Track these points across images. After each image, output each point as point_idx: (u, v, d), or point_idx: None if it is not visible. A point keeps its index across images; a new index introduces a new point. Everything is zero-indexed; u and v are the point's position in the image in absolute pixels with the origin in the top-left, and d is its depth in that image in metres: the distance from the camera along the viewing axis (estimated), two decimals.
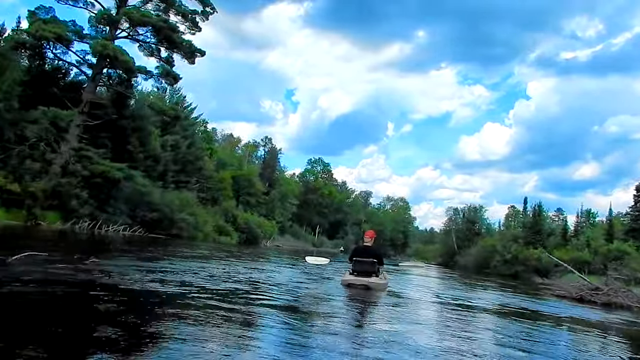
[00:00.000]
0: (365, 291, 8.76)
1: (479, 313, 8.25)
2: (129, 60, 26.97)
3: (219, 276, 9.12)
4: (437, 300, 9.75)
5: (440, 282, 18.41)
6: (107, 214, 26.20)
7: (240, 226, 46.88)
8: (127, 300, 5.22)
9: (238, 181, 58.33)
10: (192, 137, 47.14)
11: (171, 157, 40.25)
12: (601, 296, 12.65)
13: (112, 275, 7.03)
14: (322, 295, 7.97)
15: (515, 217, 67.19)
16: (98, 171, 25.72)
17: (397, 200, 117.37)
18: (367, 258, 9.38)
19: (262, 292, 7.53)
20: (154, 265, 9.60)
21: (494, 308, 9.61)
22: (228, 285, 7.96)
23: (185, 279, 7.81)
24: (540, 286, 22.60)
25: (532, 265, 37.94)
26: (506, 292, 15.54)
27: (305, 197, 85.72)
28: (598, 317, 9.77)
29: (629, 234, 39.56)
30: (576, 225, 50.04)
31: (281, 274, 12.05)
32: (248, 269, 12.25)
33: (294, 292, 8.04)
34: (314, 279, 11.37)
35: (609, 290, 12.98)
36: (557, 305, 11.80)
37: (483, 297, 12.65)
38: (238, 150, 78.83)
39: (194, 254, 16.39)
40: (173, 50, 30.82)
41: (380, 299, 8.22)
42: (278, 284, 8.92)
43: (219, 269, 10.93)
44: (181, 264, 10.93)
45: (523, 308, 10.13)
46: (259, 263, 15.76)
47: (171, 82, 30.50)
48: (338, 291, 8.68)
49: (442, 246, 66.25)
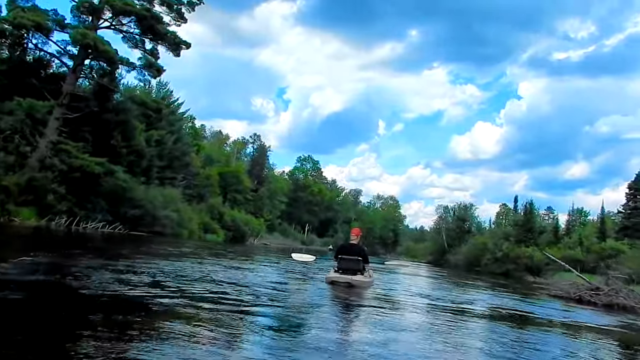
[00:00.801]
0: (349, 289, 8.63)
1: (470, 317, 7.51)
2: (110, 50, 25.96)
3: (187, 276, 8.29)
4: (426, 302, 8.91)
5: (429, 282, 17.63)
6: (86, 210, 25.19)
7: (227, 224, 45.90)
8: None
9: (225, 178, 57.36)
10: (178, 132, 46.09)
11: (156, 152, 39.16)
12: (602, 297, 11.94)
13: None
14: (304, 297, 7.23)
15: (506, 215, 66.85)
16: (76, 165, 24.70)
17: (387, 198, 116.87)
18: (352, 256, 9.33)
19: (233, 293, 6.70)
20: (114, 264, 8.71)
21: (486, 311, 8.83)
22: (195, 285, 7.17)
23: (144, 278, 7.02)
24: (533, 285, 21.98)
25: (524, 263, 37.37)
26: (499, 292, 14.79)
27: (295, 194, 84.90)
28: (603, 321, 9.06)
29: (621, 232, 39.25)
30: (568, 224, 49.71)
31: (261, 273, 11.30)
32: (225, 267, 11.42)
33: (272, 293, 7.23)
34: (297, 277, 10.87)
35: (610, 290, 12.24)
36: (555, 306, 11.11)
37: (475, 298, 11.83)
38: (227, 147, 77.87)
39: (171, 252, 15.57)
40: (157, 41, 29.85)
41: (365, 301, 7.49)
42: (253, 284, 8.11)
43: (191, 268, 10.08)
44: (150, 263, 10.05)
45: (518, 311, 9.33)
46: (239, 262, 14.90)
47: (154, 74, 29.49)
48: (320, 291, 8.12)
49: (433, 244, 65.67)
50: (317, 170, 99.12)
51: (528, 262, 37.09)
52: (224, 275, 9.19)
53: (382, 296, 8.73)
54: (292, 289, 8.29)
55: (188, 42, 30.17)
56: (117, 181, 27.16)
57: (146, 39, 29.80)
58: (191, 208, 41.01)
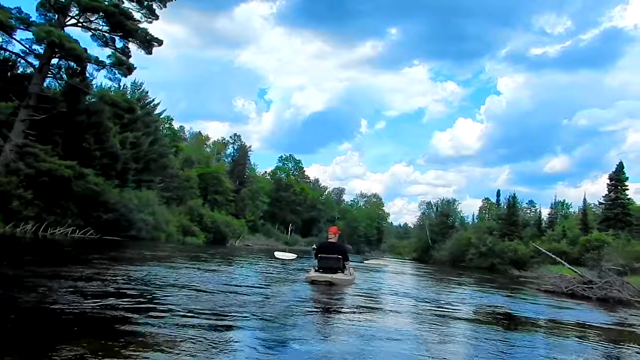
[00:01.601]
0: (330, 288, 8.56)
1: (456, 320, 6.73)
2: (77, 48, 24.85)
3: (154, 283, 7.50)
4: (409, 304, 8.13)
5: (413, 280, 16.86)
6: (56, 215, 24.09)
7: (207, 226, 44.87)
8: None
9: (205, 179, 56.28)
10: (155, 134, 44.85)
11: (131, 154, 38.04)
12: (596, 290, 11.35)
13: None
14: (282, 303, 6.49)
15: (489, 209, 66.79)
16: (44, 169, 23.59)
17: (371, 196, 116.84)
18: (332, 254, 9.30)
19: (204, 300, 5.91)
20: (70, 272, 7.85)
21: (474, 311, 8.06)
22: (162, 293, 6.38)
23: (104, 287, 6.21)
24: (520, 279, 21.48)
25: (508, 257, 37.07)
26: (486, 289, 14.11)
27: (277, 194, 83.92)
28: (600, 318, 8.48)
29: (604, 223, 39.21)
30: (550, 216, 49.65)
31: (237, 276, 10.57)
32: (200, 271, 10.59)
33: (248, 300, 6.48)
34: (276, 279, 10.47)
35: (604, 283, 11.63)
36: (547, 303, 10.50)
37: (461, 296, 11.01)
38: (207, 148, 76.64)
39: (143, 257, 14.70)
40: (128, 39, 28.79)
41: (345, 306, 6.78)
42: (227, 290, 7.31)
43: (162, 273, 9.24)
44: (116, 269, 9.21)
45: (509, 310, 8.61)
46: (216, 264, 14.08)
47: (125, 72, 28.39)
48: (299, 295, 7.45)
49: (417, 241, 65.32)
50: (299, 169, 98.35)
51: (513, 256, 36.82)
52: (198, 280, 8.42)
53: (363, 298, 8.07)
54: (269, 293, 7.56)
55: (160, 39, 29.18)
56: (89, 185, 26.07)
57: (116, 36, 28.74)
58: (169, 210, 39.97)
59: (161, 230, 33.88)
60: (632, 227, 38.99)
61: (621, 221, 38.54)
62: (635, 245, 29.94)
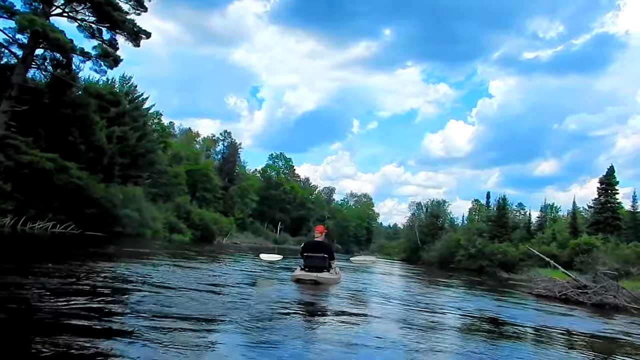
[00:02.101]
0: (315, 286, 8.55)
1: (443, 328, 6.21)
2: (61, 38, 24.20)
3: (130, 281, 7.03)
4: (394, 309, 7.63)
5: (401, 282, 16.38)
6: (37, 209, 23.44)
7: (195, 223, 44.25)
8: None
9: (194, 176, 55.67)
10: (143, 129, 44.15)
11: (117, 149, 37.40)
12: (591, 296, 10.97)
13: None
14: (264, 306, 6.06)
15: (478, 211, 66.70)
16: (25, 161, 22.96)
17: (361, 196, 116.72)
18: (318, 253, 9.27)
19: (178, 302, 5.45)
20: (37, 268, 7.36)
21: (462, 318, 7.52)
22: (137, 293, 5.90)
23: (74, 286, 5.72)
24: (510, 282, 21.13)
25: (498, 259, 36.80)
26: (475, 292, 13.71)
27: (267, 193, 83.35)
28: (595, 326, 8.07)
29: (593, 226, 39.15)
30: (540, 219, 49.60)
31: (219, 275, 10.11)
32: (181, 269, 10.13)
33: (228, 302, 6.05)
34: (259, 278, 10.29)
35: (599, 288, 11.25)
36: (540, 308, 10.11)
37: (449, 301, 10.45)
38: (197, 145, 75.94)
39: (122, 253, 14.17)
40: (115, 30, 28.21)
41: (329, 313, 6.31)
42: (207, 290, 6.86)
43: (141, 270, 8.74)
44: (89, 266, 8.70)
45: (499, 316, 8.10)
46: (199, 262, 13.60)
47: (111, 64, 27.77)
48: (282, 297, 7.01)
49: (406, 241, 64.82)
50: (289, 168, 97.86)
51: (502, 258, 36.59)
52: (173, 279, 7.97)
53: (348, 301, 7.69)
54: (249, 294, 7.14)
55: (148, 32, 28.65)
56: (72, 179, 25.41)
57: (103, 27, 28.15)
58: (156, 207, 39.37)
59: (147, 227, 33.25)
60: (621, 232, 39.02)
61: (610, 225, 38.54)
62: (624, 249, 29.84)
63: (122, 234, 28.65)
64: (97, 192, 28.02)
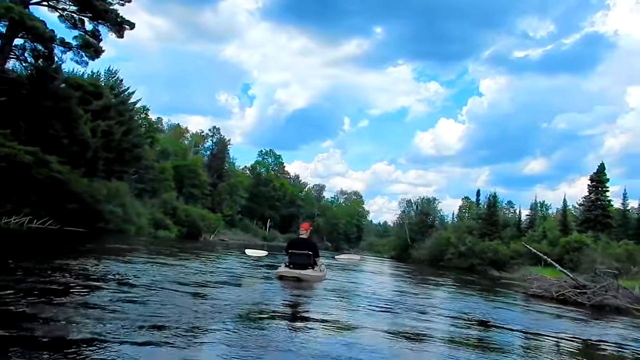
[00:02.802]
0: (298, 283, 8.55)
1: (433, 336, 5.54)
2: (40, 26, 23.36)
3: (101, 278, 6.36)
4: (380, 312, 6.95)
5: (389, 282, 15.71)
6: (13, 203, 22.60)
7: (181, 219, 43.43)
8: None
9: (181, 172, 54.80)
10: (129, 123, 43.24)
11: (102, 143, 36.53)
12: (590, 296, 10.40)
13: None
14: (242, 309, 5.52)
15: (469, 209, 66.43)
16: (1, 154, 22.11)
17: (351, 193, 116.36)
18: (303, 250, 9.34)
19: (144, 310, 4.83)
20: None
21: (452, 323, 6.82)
22: (109, 291, 5.26)
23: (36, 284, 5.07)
24: (502, 281, 20.63)
25: (488, 257, 36.43)
26: (467, 293, 13.08)
27: (256, 189, 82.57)
28: (602, 333, 7.52)
29: (583, 224, 38.93)
30: (531, 217, 49.35)
31: (198, 272, 9.60)
32: (156, 266, 9.50)
33: (205, 304, 5.41)
34: (242, 274, 10.20)
35: (599, 288, 10.69)
36: (536, 309, 9.55)
37: (439, 302, 9.74)
38: (185, 140, 75.02)
39: (97, 249, 13.49)
40: (97, 20, 27.39)
41: (311, 320, 5.68)
42: (182, 290, 6.23)
43: (114, 267, 8.12)
44: (58, 263, 8.04)
45: (492, 320, 7.40)
46: (177, 259, 12.95)
47: (92, 55, 26.97)
48: (262, 299, 6.54)
49: (396, 239, 64.53)
50: (279, 165, 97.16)
51: (492, 256, 36.22)
52: (148, 278, 7.36)
53: (331, 304, 7.13)
54: (229, 297, 6.52)
55: (132, 22, 27.90)
56: (52, 173, 24.58)
57: (85, 17, 27.32)
58: (141, 203, 38.54)
59: (131, 223, 32.41)
60: (611, 230, 38.83)
61: (601, 223, 38.33)
62: (615, 248, 29.57)
63: (105, 230, 27.83)
64: (79, 186, 27.17)
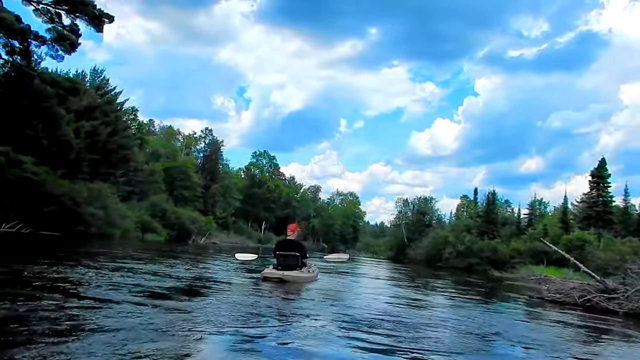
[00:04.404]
0: (282, 285, 8.42)
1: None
2: (8, 17, 22.12)
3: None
4: (371, 331, 5.58)
5: (384, 284, 14.44)
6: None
7: (171, 222, 42.10)
8: None
9: (172, 174, 53.50)
10: (115, 124, 41.91)
11: (86, 144, 35.26)
12: (622, 302, 8.82)
13: None
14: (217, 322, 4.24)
15: (467, 207, 65.24)
16: None
17: (347, 194, 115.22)
18: (290, 252, 9.36)
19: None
20: None
21: (460, 351, 5.15)
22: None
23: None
24: (506, 282, 19.27)
25: (487, 257, 35.10)
26: (471, 299, 11.51)
27: (251, 191, 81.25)
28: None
29: (584, 221, 37.77)
30: (529, 215, 48.19)
31: (172, 276, 8.39)
32: (113, 272, 8.22)
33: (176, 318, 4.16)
34: (220, 279, 9.38)
35: (635, 292, 9.10)
36: (564, 318, 8.16)
37: (440, 314, 7.69)
38: (177, 142, 73.69)
39: (62, 256, 12.20)
40: (74, 14, 26.12)
41: (295, 331, 4.45)
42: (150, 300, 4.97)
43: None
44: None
45: (510, 342, 5.43)
46: (158, 264, 11.67)
47: (67, 48, 25.68)
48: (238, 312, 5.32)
49: (392, 239, 63.18)
50: (274, 166, 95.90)
51: (492, 256, 34.92)
52: (93, 286, 6.20)
53: (321, 310, 6.15)
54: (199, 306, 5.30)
55: (111, 15, 26.66)
56: (25, 173, 23.31)
57: (62, 11, 26.05)
58: (128, 205, 37.26)
59: (115, 226, 31.12)
60: (612, 227, 37.72)
61: (602, 220, 37.16)
62: (619, 245, 28.41)
63: (86, 234, 26.54)
64: (56, 188, 25.92)
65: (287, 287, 8.34)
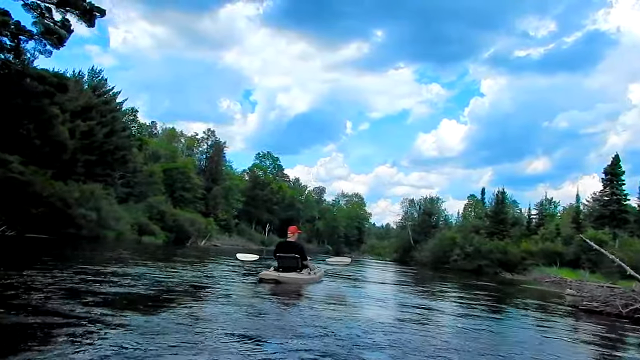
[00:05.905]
0: (277, 286, 8.45)
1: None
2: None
3: None
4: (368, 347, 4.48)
5: (387, 290, 13.14)
6: None
7: (170, 224, 40.94)
8: None
9: (172, 175, 52.43)
10: (112, 124, 40.88)
11: (81, 145, 34.25)
12: None
13: None
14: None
15: (475, 207, 63.85)
16: None
17: (352, 196, 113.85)
18: (289, 253, 9.39)
19: None
20: None
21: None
22: None
23: None
24: (522, 286, 17.86)
25: (497, 258, 33.51)
26: (485, 304, 10.11)
27: (253, 192, 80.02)
28: None
29: (598, 220, 36.34)
30: (540, 215, 46.78)
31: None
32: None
33: None
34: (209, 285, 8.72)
35: None
36: (614, 334, 6.83)
37: (458, 339, 6.13)
38: (179, 144, 72.69)
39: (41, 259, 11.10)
40: (64, 8, 25.07)
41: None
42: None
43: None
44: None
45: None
46: (148, 267, 10.49)
47: (55, 42, 24.62)
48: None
49: (398, 241, 61.83)
50: (277, 167, 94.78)
51: (502, 257, 33.38)
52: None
53: (319, 318, 5.56)
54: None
55: (102, 9, 25.59)
56: (11, 173, 22.21)
57: (51, 5, 25.00)
58: (125, 207, 36.19)
59: (109, 228, 29.99)
60: (627, 226, 36.30)
61: (617, 219, 35.69)
62: (637, 244, 27.02)
63: (77, 236, 25.41)
64: (46, 189, 24.84)
65: (283, 288, 8.26)
